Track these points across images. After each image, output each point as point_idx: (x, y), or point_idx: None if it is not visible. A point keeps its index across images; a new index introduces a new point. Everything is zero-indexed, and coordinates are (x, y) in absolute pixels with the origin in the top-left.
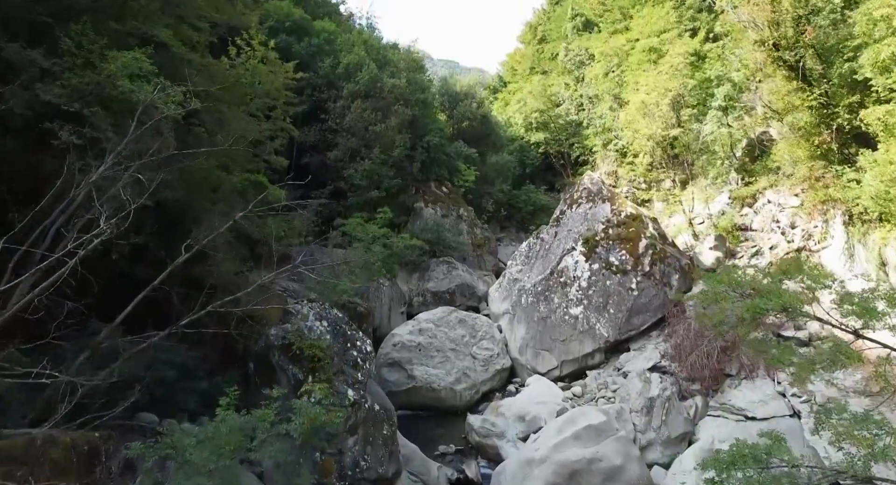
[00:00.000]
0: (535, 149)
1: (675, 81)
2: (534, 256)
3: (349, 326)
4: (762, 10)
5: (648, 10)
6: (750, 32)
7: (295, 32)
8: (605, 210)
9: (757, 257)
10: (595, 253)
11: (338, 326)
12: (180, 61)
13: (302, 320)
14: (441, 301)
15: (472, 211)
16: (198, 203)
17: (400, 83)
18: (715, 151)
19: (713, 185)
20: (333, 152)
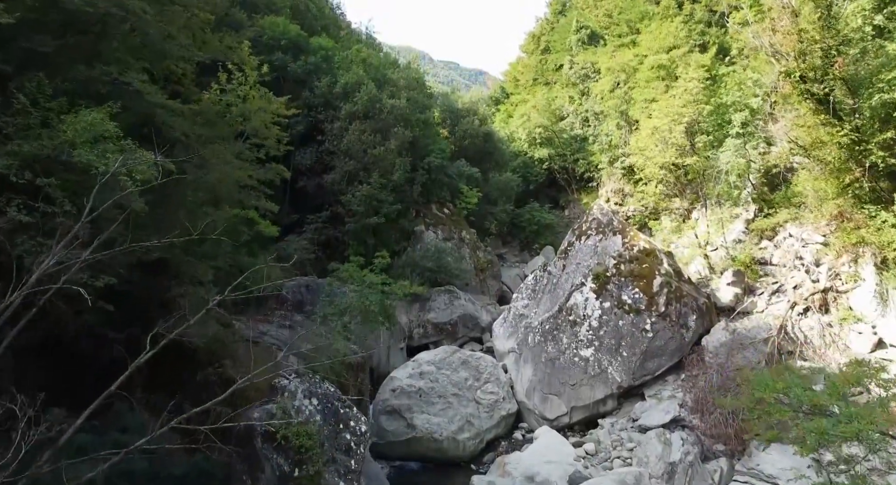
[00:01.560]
0: (538, 165)
1: (689, 107)
2: (540, 291)
3: (342, 404)
4: (788, 39)
5: (657, 24)
6: (774, 62)
7: (291, 50)
8: (617, 243)
9: (778, 295)
10: (606, 290)
11: (329, 403)
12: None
13: (289, 399)
14: (443, 333)
15: (474, 233)
16: (176, 256)
17: (400, 104)
18: (731, 180)
19: (728, 212)
20: (331, 176)
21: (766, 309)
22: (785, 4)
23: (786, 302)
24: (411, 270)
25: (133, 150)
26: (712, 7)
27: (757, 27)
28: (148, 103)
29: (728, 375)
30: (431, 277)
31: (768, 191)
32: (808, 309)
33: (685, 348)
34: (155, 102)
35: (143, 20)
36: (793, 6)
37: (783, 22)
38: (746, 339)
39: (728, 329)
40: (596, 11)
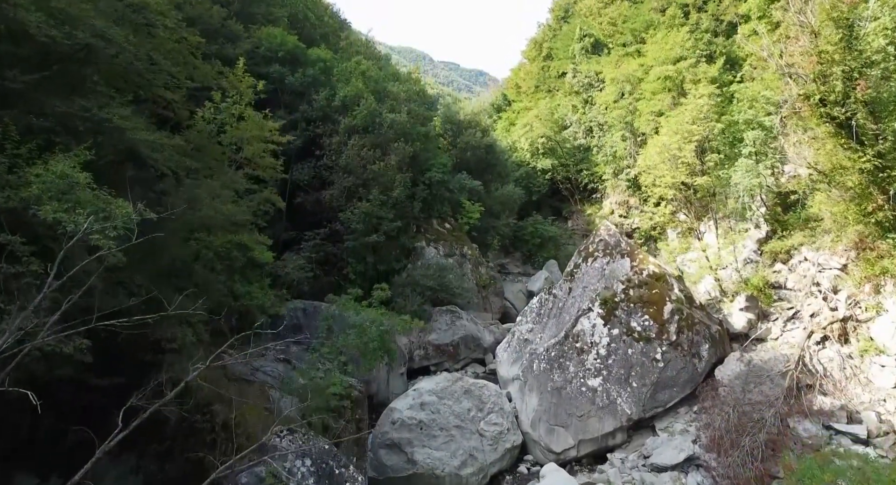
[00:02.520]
0: (541, 175)
1: (699, 124)
2: (546, 315)
3: (337, 463)
4: (807, 61)
5: (663, 34)
6: (791, 83)
7: (289, 62)
8: (625, 267)
9: (794, 321)
10: (614, 316)
11: (323, 463)
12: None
13: (280, 460)
14: (444, 355)
15: (476, 249)
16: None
17: (401, 118)
18: (744, 201)
19: (738, 230)
20: (329, 192)
21: (780, 336)
22: (803, 24)
23: (802, 330)
24: (412, 290)
25: (108, 201)
26: (719, 16)
27: (769, 44)
28: (130, 140)
29: (744, 410)
30: (432, 296)
31: (781, 211)
32: (827, 338)
33: (698, 379)
34: (137, 139)
35: (126, 51)
36: (812, 26)
37: (801, 42)
38: (763, 371)
39: (743, 360)
40: (599, 19)
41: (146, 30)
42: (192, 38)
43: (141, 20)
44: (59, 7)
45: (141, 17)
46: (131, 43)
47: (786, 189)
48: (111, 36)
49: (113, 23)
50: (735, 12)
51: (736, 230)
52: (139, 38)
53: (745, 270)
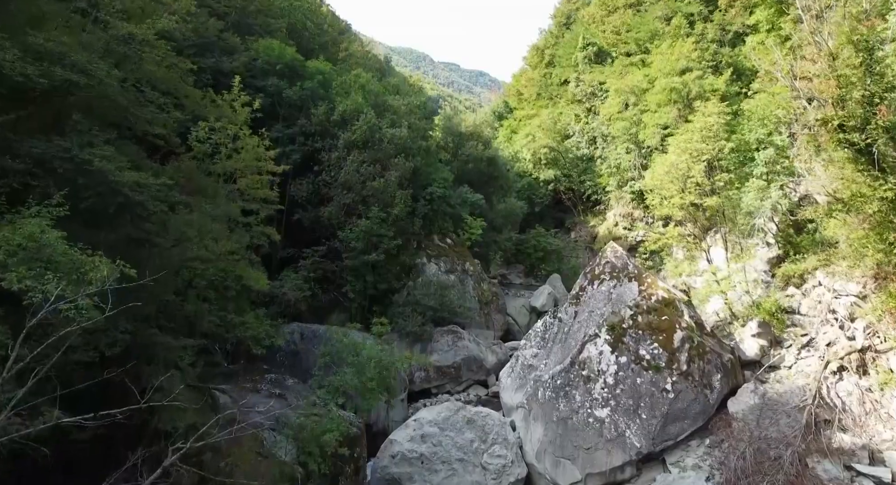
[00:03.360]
0: (544, 186)
1: (708, 143)
2: (551, 340)
3: None
4: (826, 85)
5: (668, 44)
6: (809, 108)
7: (286, 75)
8: (633, 291)
9: (808, 349)
10: (622, 343)
11: None
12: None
13: None
14: (446, 377)
15: (478, 264)
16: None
17: (401, 133)
18: (755, 223)
19: (748, 247)
20: (328, 209)
21: (794, 364)
22: (821, 47)
23: (817, 358)
24: (412, 309)
25: (83, 262)
26: (725, 26)
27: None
28: (112, 181)
29: (760, 448)
30: (433, 316)
31: (794, 232)
32: (844, 369)
33: (710, 411)
34: (120, 181)
35: (109, 86)
36: (829, 48)
37: (818, 64)
38: (778, 404)
39: (757, 392)
40: (603, 27)
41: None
42: (182, 64)
43: (128, 52)
44: (36, 43)
45: (128, 49)
46: (115, 77)
47: (801, 217)
48: (93, 71)
49: (97, 56)
50: (742, 22)
51: (745, 247)
52: (125, 71)
53: (755, 291)
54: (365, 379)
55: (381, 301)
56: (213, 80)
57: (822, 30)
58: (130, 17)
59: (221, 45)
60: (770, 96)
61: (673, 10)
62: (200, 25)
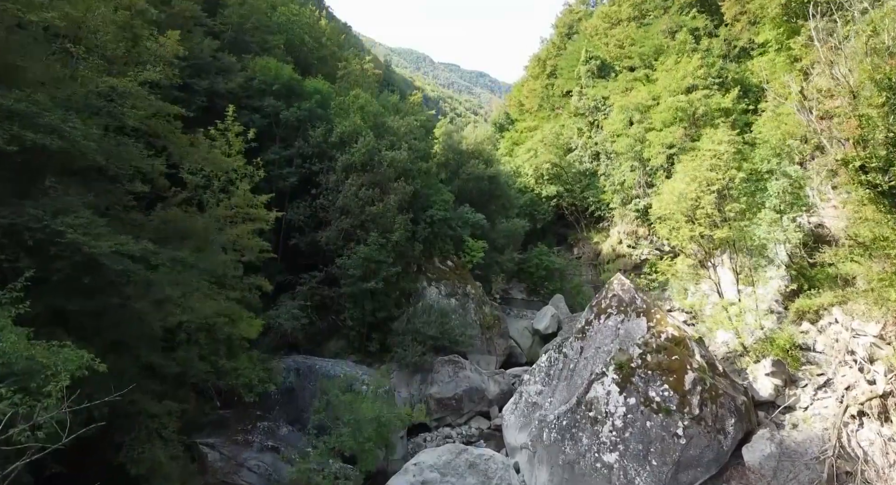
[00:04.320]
0: (546, 202)
1: (718, 172)
2: (556, 376)
3: None
4: (847, 125)
5: (672, 60)
6: (829, 147)
7: (284, 96)
8: (641, 327)
9: (825, 390)
10: (631, 383)
11: None
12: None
13: None
14: (447, 409)
15: (479, 287)
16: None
17: (401, 156)
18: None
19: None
20: (325, 234)
21: (811, 405)
22: (840, 83)
23: (834, 400)
24: (412, 339)
25: (48, 356)
26: (731, 41)
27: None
28: (87, 252)
29: None
30: (434, 345)
31: (807, 264)
32: (864, 414)
33: (723, 458)
34: (95, 252)
35: (86, 148)
36: (850, 86)
37: (838, 102)
38: (796, 454)
39: (773, 439)
40: (606, 39)
41: (115, 116)
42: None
43: (110, 108)
44: (6, 104)
45: (110, 105)
46: (92, 137)
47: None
48: (67, 133)
49: (75, 112)
50: (749, 37)
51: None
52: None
53: (766, 320)
54: (362, 439)
55: (380, 328)
56: (208, 102)
57: (838, 61)
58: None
59: (217, 64)
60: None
61: (677, 23)
62: (195, 46)
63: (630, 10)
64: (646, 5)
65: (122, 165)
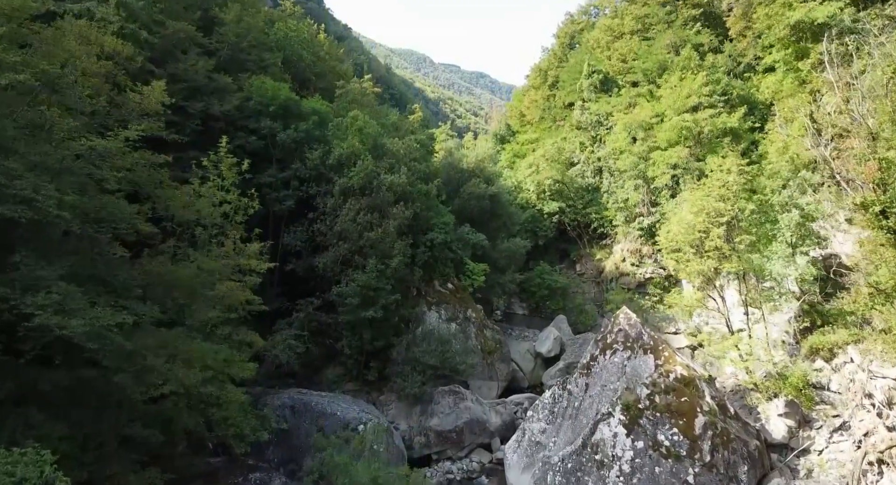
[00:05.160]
0: (548, 219)
1: (727, 203)
2: (560, 414)
3: None
4: (867, 168)
5: (677, 78)
6: (848, 189)
7: (281, 116)
8: (648, 366)
9: (841, 433)
10: (638, 425)
11: None
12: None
13: None
14: (447, 442)
15: (480, 311)
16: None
17: (400, 180)
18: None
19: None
20: (322, 260)
21: (826, 448)
22: (859, 124)
23: (851, 444)
24: (411, 368)
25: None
26: (737, 57)
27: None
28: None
29: None
30: (434, 374)
31: (821, 299)
32: (883, 463)
33: None
34: (70, 334)
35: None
36: (869, 127)
37: (856, 143)
38: None
39: None
40: (608, 53)
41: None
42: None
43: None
44: None
45: (89, 166)
46: (69, 205)
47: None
48: (40, 203)
49: (49, 177)
50: (755, 54)
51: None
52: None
53: (776, 352)
54: None
55: (379, 356)
56: (202, 125)
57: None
58: (94, 115)
59: (212, 85)
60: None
61: (681, 38)
62: (189, 67)
63: (633, 23)
64: (649, 19)
65: (102, 227)
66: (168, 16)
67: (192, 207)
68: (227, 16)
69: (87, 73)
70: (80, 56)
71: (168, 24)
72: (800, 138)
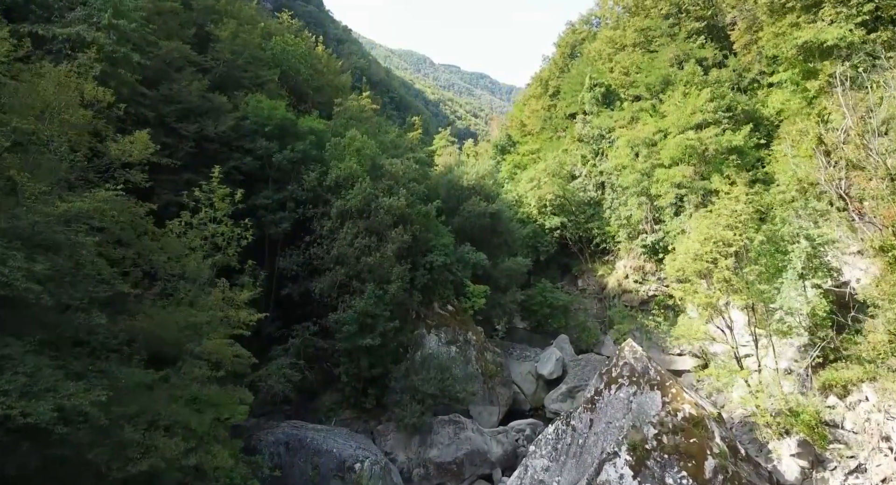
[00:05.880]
0: (549, 234)
1: (735, 232)
2: (563, 451)
3: None
4: (887, 212)
5: (681, 93)
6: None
7: (277, 136)
8: (655, 403)
9: (857, 475)
10: (646, 467)
11: None
12: None
13: None
14: (447, 474)
15: (481, 333)
16: None
17: (399, 203)
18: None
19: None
20: (319, 285)
21: None
22: (875, 162)
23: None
24: (410, 397)
25: None
26: (741, 72)
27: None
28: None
29: None
30: (433, 404)
31: (834, 333)
32: None
33: None
34: (36, 421)
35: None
36: (888, 167)
37: (873, 184)
38: None
39: None
40: (610, 65)
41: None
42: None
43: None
44: None
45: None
46: (39, 276)
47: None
48: (6, 276)
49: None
50: (759, 69)
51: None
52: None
53: (786, 383)
54: None
55: (377, 383)
56: (196, 147)
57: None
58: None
59: (207, 106)
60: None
61: (685, 52)
62: (183, 88)
63: (635, 35)
64: (652, 32)
65: (78, 292)
66: (162, 34)
67: (177, 261)
68: (223, 33)
69: (65, 126)
70: (58, 107)
71: (161, 45)
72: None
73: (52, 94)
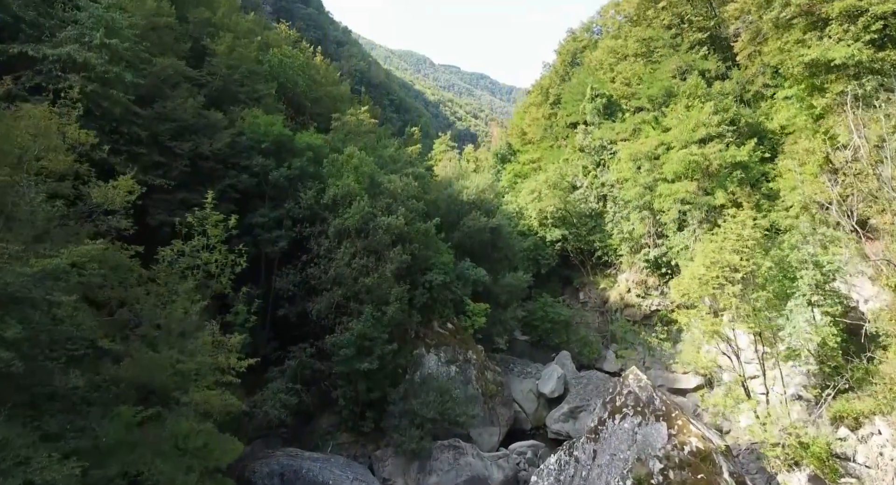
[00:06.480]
0: (550, 246)
1: (742, 255)
2: (567, 483)
3: None
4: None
5: (683, 105)
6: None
7: (274, 153)
8: (661, 435)
9: None
10: None
11: None
12: None
13: None
14: None
15: (481, 351)
16: None
17: (397, 222)
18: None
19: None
20: (316, 305)
21: None
22: (890, 199)
23: None
24: (409, 422)
25: None
26: (745, 83)
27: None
28: None
29: None
30: (433, 428)
31: (843, 360)
32: None
33: None
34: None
35: None
36: None
37: (887, 218)
38: None
39: None
40: (612, 75)
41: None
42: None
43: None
44: None
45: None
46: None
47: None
48: None
49: None
50: (763, 82)
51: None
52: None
53: (793, 408)
54: None
55: (375, 406)
56: (191, 166)
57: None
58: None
59: (202, 122)
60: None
61: (687, 63)
62: (178, 106)
63: (636, 46)
64: (654, 42)
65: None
66: (156, 50)
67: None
68: (219, 47)
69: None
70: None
71: (156, 61)
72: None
73: (29, 139)
